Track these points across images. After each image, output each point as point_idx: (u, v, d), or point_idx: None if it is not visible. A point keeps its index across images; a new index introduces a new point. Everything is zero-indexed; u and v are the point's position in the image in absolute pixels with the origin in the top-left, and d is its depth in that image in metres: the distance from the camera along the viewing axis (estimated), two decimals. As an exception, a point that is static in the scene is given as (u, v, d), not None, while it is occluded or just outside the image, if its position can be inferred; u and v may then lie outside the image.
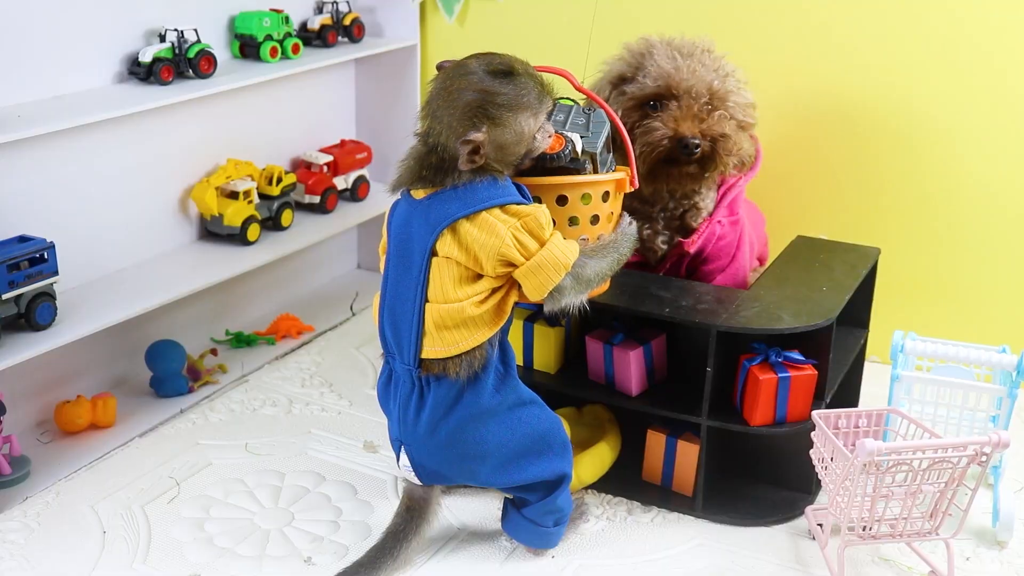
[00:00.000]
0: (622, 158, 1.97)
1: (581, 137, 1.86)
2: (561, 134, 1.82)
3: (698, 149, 2.06)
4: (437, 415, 1.73)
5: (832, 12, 2.51)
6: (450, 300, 1.68)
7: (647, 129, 2.08)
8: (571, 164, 1.83)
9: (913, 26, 2.45)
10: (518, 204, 1.68)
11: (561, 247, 1.68)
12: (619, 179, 1.86)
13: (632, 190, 1.89)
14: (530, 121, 1.70)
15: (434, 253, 1.68)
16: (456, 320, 1.68)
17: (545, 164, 1.81)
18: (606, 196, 1.84)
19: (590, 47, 2.19)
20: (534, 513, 1.84)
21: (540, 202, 1.79)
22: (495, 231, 1.64)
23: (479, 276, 1.69)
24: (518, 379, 1.79)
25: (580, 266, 1.72)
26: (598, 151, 1.87)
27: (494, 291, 1.70)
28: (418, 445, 1.77)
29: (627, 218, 1.87)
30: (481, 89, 1.66)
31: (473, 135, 1.64)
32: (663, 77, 2.09)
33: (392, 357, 1.77)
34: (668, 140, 2.06)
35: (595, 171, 1.87)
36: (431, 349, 1.70)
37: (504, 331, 1.76)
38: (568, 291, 1.71)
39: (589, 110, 1.92)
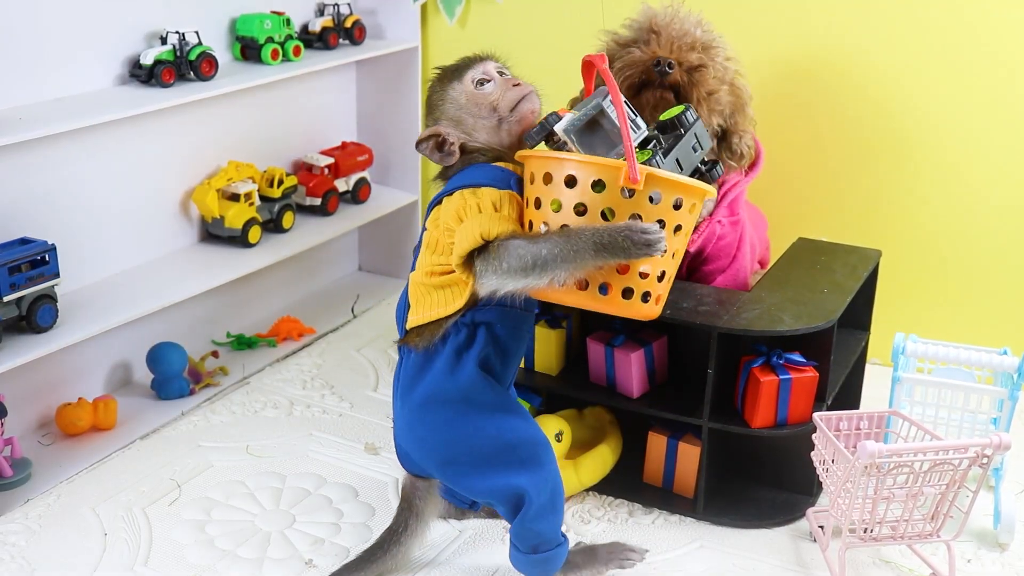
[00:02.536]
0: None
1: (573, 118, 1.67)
2: (546, 117, 1.71)
3: (671, 69, 2.06)
4: (405, 387, 1.75)
5: (834, 13, 2.51)
6: (417, 270, 1.75)
7: (624, 55, 2.11)
8: (550, 145, 1.69)
9: (915, 28, 2.45)
10: (492, 187, 1.68)
11: (485, 221, 1.61)
12: (602, 163, 1.58)
13: (632, 187, 1.56)
14: (455, 85, 1.77)
15: (424, 229, 1.76)
16: (419, 291, 1.73)
17: (525, 147, 1.71)
18: (598, 185, 1.58)
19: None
20: (513, 533, 1.76)
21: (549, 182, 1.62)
22: (452, 204, 1.68)
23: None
24: (490, 380, 1.72)
25: (503, 247, 1.59)
26: (574, 130, 1.64)
27: (453, 270, 1.69)
28: (397, 421, 1.79)
29: (642, 221, 1.59)
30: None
31: (421, 135, 1.77)
32: (648, 18, 2.15)
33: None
34: (643, 64, 2.08)
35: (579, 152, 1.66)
36: (410, 319, 1.75)
37: (486, 322, 1.71)
38: (486, 273, 1.61)
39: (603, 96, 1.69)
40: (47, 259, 2.10)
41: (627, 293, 1.62)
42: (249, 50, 2.61)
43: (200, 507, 2.03)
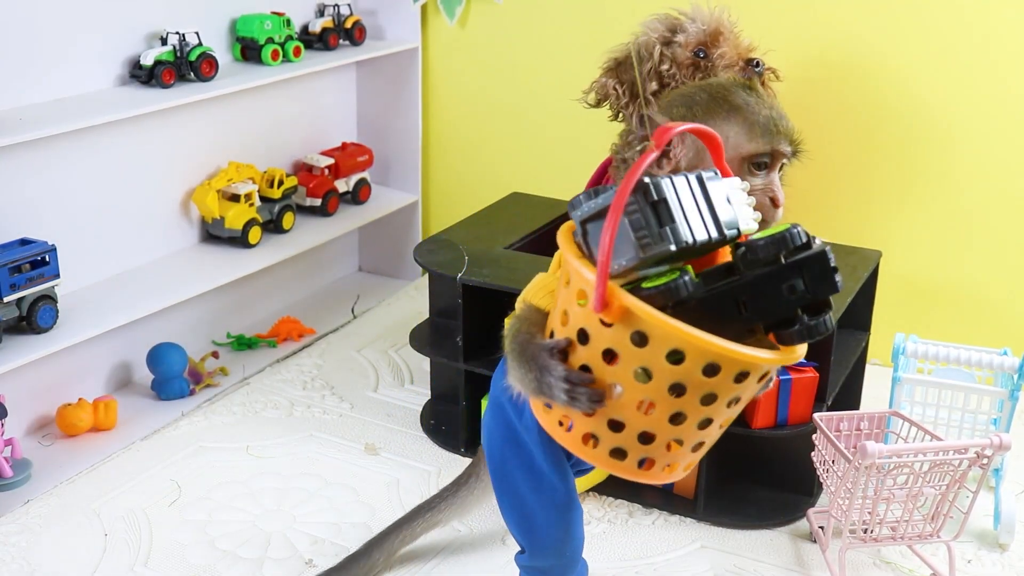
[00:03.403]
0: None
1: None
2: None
3: (763, 67, 2.06)
4: (499, 372, 1.50)
5: (835, 14, 2.51)
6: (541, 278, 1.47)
7: (722, 55, 2.07)
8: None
9: (916, 28, 2.45)
10: None
11: (535, 285, 1.39)
12: (579, 272, 1.20)
13: (603, 319, 1.18)
14: (732, 128, 1.39)
15: None
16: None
17: None
18: (583, 298, 1.21)
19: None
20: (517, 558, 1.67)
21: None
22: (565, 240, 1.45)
23: None
24: (536, 442, 1.50)
25: (515, 318, 1.37)
26: (585, 216, 1.22)
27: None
28: (491, 386, 1.61)
29: (611, 360, 1.21)
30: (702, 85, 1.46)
31: (659, 115, 1.37)
32: (713, 21, 2.11)
33: None
34: (740, 63, 2.07)
35: (585, 257, 1.24)
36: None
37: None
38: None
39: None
40: (47, 259, 2.11)
41: (591, 440, 1.26)
42: (249, 51, 2.61)
43: (200, 507, 2.03)
